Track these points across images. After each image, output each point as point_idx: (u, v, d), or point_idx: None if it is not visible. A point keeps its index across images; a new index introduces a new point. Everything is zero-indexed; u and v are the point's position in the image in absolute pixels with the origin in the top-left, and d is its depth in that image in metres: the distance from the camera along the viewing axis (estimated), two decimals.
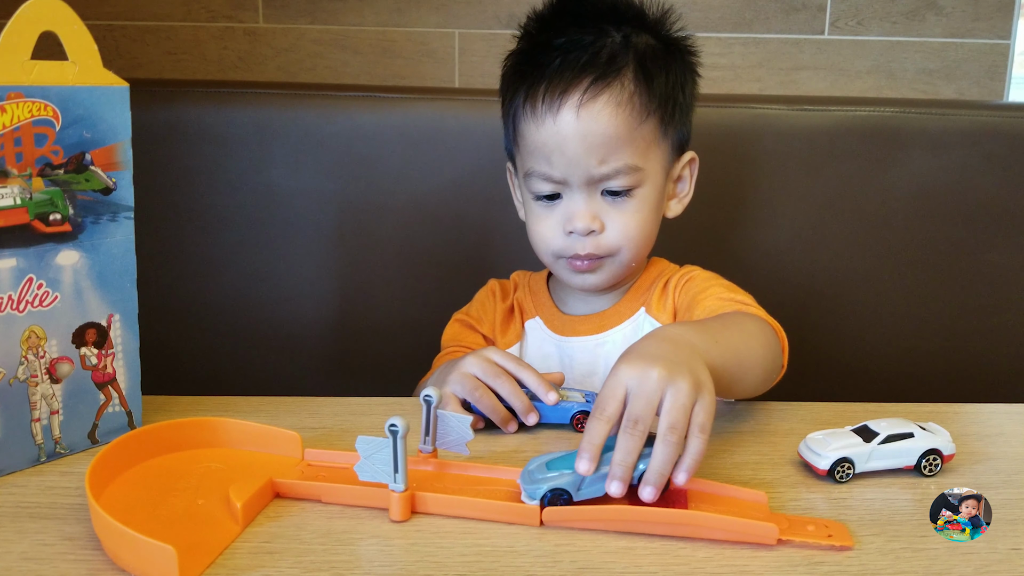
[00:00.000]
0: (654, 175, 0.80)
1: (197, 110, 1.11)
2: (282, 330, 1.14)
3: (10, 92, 0.58)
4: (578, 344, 0.86)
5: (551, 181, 0.79)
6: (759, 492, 0.56)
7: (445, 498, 0.55)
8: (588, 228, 0.79)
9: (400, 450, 0.54)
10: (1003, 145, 1.09)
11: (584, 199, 0.79)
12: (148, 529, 0.48)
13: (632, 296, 0.87)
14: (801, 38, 1.35)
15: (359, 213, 1.11)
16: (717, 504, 0.55)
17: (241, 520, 0.54)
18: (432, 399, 0.59)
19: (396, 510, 0.55)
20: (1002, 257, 1.11)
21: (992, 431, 0.70)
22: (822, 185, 1.10)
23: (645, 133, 0.78)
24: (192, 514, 0.55)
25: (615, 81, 0.77)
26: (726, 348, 0.64)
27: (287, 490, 0.58)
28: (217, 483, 0.58)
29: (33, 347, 0.62)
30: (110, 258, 0.65)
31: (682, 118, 0.83)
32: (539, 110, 0.78)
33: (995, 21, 1.34)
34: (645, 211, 0.80)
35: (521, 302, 0.92)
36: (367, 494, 0.56)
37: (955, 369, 1.13)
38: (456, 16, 1.36)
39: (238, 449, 0.64)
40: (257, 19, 1.37)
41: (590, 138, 0.76)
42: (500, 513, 0.55)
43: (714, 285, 0.81)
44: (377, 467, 0.55)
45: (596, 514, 0.54)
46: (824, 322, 1.12)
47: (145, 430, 0.62)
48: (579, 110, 0.76)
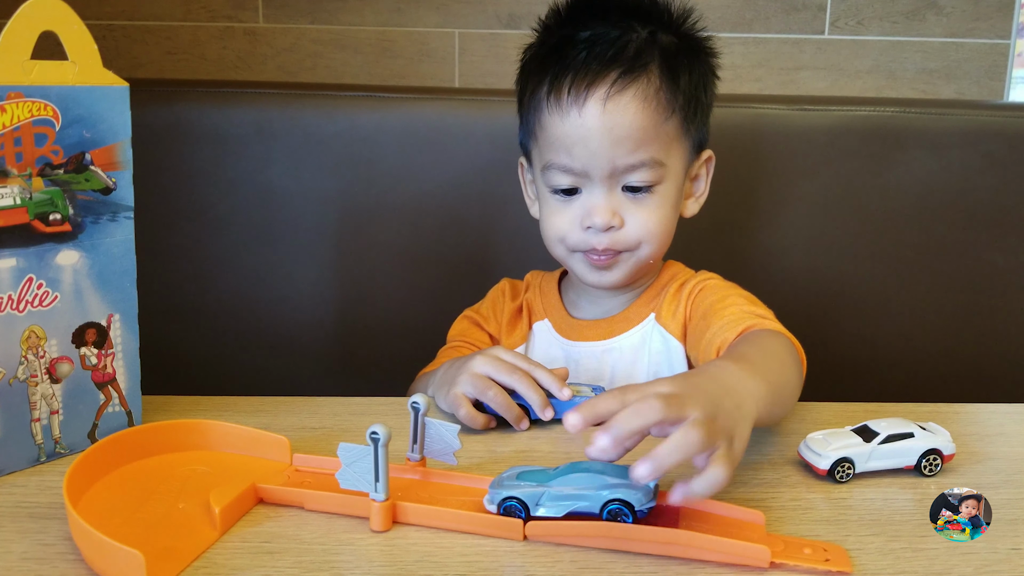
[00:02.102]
0: (675, 173, 0.80)
1: (197, 110, 1.11)
2: (282, 330, 1.14)
3: (10, 92, 0.58)
4: (585, 349, 0.86)
5: (571, 174, 0.79)
6: (756, 512, 0.53)
7: (427, 509, 0.54)
8: (608, 223, 0.78)
9: (381, 459, 0.52)
10: (1003, 145, 1.08)
11: (604, 194, 0.78)
12: (124, 533, 0.48)
13: (644, 300, 0.86)
14: (801, 38, 1.35)
15: (359, 213, 1.11)
16: (710, 523, 0.53)
17: (219, 525, 0.53)
18: (420, 406, 0.57)
19: (376, 520, 0.53)
20: (1002, 257, 1.11)
21: (992, 431, 0.70)
22: (822, 185, 1.10)
23: (669, 130, 0.78)
24: (171, 518, 0.54)
25: (642, 76, 0.76)
26: (776, 390, 0.61)
27: (269, 496, 0.57)
28: (200, 487, 0.57)
29: (33, 347, 0.62)
30: (110, 258, 0.65)
31: (703, 118, 0.82)
32: (564, 102, 0.77)
33: (995, 21, 1.34)
34: (666, 208, 0.80)
35: (531, 303, 0.91)
36: (349, 502, 0.54)
37: (955, 369, 1.13)
38: (456, 16, 1.36)
39: (226, 452, 0.63)
40: (257, 19, 1.37)
41: (616, 131, 0.76)
42: (483, 526, 0.53)
43: (733, 295, 0.79)
44: (358, 475, 0.53)
45: (581, 530, 0.51)
46: (824, 322, 1.12)
47: (131, 432, 0.62)
48: (606, 103, 0.76)
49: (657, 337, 0.83)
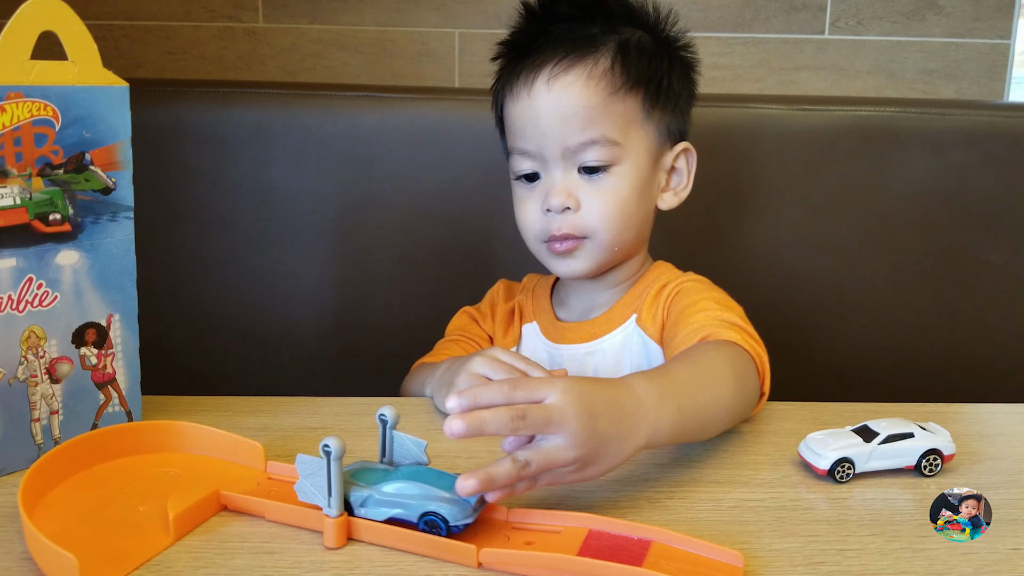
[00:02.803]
0: (636, 156, 0.80)
1: (197, 110, 1.11)
2: (282, 330, 1.14)
3: (10, 92, 0.58)
4: (568, 352, 0.85)
5: (528, 156, 0.80)
6: (735, 553, 0.49)
7: (382, 528, 0.51)
8: (563, 204, 0.78)
9: (334, 473, 0.50)
10: (1003, 145, 1.08)
11: (561, 175, 0.79)
12: (78, 534, 0.47)
13: (626, 300, 0.85)
14: (801, 38, 1.35)
15: (359, 213, 1.11)
16: (679, 562, 0.48)
17: (173, 532, 0.52)
18: (388, 419, 0.56)
19: (329, 536, 0.51)
20: (1002, 257, 1.11)
21: (992, 431, 0.70)
22: (822, 185, 1.10)
23: (624, 110, 0.78)
24: (129, 521, 0.53)
25: (589, 56, 0.78)
26: (693, 412, 0.60)
27: (232, 503, 0.55)
28: (166, 490, 0.56)
29: (33, 347, 0.62)
30: (110, 258, 0.65)
31: (673, 106, 0.82)
32: (516, 87, 0.80)
33: (995, 21, 1.34)
34: (624, 191, 0.79)
35: (523, 305, 0.91)
36: (309, 516, 0.53)
37: (955, 369, 1.13)
38: (456, 16, 1.36)
39: (202, 455, 0.62)
40: (257, 19, 1.37)
41: (562, 108, 0.77)
42: (437, 549, 0.50)
43: (704, 299, 0.78)
44: (315, 488, 0.51)
45: (540, 561, 0.49)
46: (824, 322, 1.12)
47: (104, 432, 0.61)
48: (550, 82, 0.77)
49: (637, 340, 0.82)
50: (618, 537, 0.51)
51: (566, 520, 0.53)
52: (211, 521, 0.55)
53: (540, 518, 0.53)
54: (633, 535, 0.51)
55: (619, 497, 0.58)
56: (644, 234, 0.84)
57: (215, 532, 0.53)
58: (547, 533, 0.52)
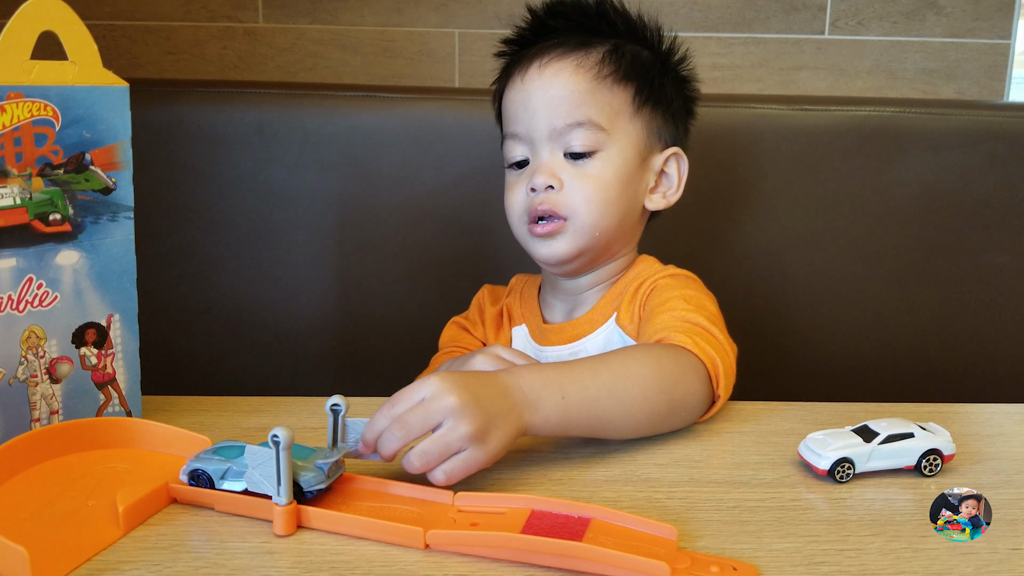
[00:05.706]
0: (622, 147, 0.80)
1: (197, 110, 1.11)
2: (282, 330, 1.14)
3: (10, 92, 0.59)
4: (553, 354, 0.85)
5: (519, 140, 0.82)
6: (669, 527, 0.51)
7: (330, 514, 0.53)
8: (546, 182, 0.79)
9: (283, 462, 0.51)
10: (1003, 145, 1.08)
11: (547, 157, 0.81)
12: (27, 529, 0.47)
13: (608, 299, 0.84)
14: (801, 38, 1.36)
15: (359, 213, 1.11)
16: (616, 537, 0.50)
17: (122, 524, 0.52)
18: (340, 408, 0.57)
19: (279, 524, 0.52)
20: (1002, 257, 1.11)
21: (992, 431, 0.70)
22: (822, 185, 1.10)
23: (612, 100, 0.80)
24: (78, 515, 0.53)
25: (582, 50, 0.81)
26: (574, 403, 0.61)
27: (182, 496, 0.56)
28: (116, 485, 0.56)
29: (33, 347, 0.62)
30: (110, 258, 0.65)
31: (664, 109, 0.83)
32: (512, 76, 0.83)
33: (995, 21, 1.34)
34: (607, 176, 0.80)
35: (511, 308, 0.91)
36: (257, 505, 0.54)
37: (955, 369, 1.13)
38: (456, 16, 1.36)
39: (152, 451, 0.62)
40: (257, 19, 1.37)
41: (551, 91, 0.80)
42: (385, 533, 0.52)
43: (674, 297, 0.77)
44: (264, 478, 0.53)
45: (484, 540, 0.51)
46: (824, 322, 1.12)
47: (52, 428, 0.61)
48: (542, 67, 0.81)
49: (617, 339, 0.82)
50: (559, 516, 0.52)
51: (510, 502, 0.54)
52: (161, 514, 0.55)
53: (485, 501, 0.55)
54: (574, 513, 0.53)
55: (619, 497, 0.58)
56: (627, 229, 0.83)
57: (165, 524, 0.54)
58: (492, 515, 0.54)
